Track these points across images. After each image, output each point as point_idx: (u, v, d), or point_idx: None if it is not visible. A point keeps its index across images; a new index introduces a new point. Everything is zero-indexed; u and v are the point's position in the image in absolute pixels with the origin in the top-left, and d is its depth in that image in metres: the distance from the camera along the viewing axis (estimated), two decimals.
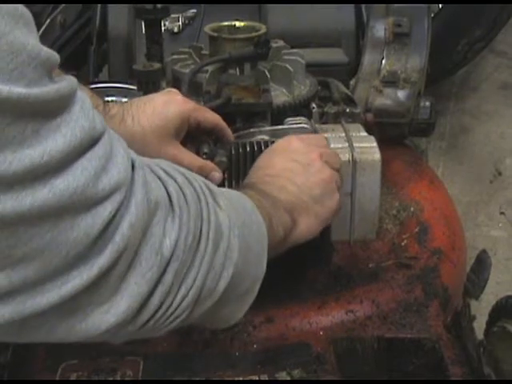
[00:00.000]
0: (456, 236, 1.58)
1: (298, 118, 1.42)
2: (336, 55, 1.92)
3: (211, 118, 1.28)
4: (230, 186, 1.33)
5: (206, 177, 1.26)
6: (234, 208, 0.93)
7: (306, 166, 1.19)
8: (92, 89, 1.36)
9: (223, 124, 1.30)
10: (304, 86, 1.48)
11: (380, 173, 1.30)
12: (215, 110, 1.33)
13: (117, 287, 0.75)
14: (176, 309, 0.82)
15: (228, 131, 1.31)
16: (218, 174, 1.27)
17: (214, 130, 1.30)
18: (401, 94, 1.76)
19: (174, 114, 1.24)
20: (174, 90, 1.31)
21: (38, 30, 1.49)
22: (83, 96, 0.73)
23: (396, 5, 1.87)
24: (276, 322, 1.35)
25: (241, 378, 1.25)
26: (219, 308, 0.91)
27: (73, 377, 1.24)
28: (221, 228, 0.87)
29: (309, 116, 1.45)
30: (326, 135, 1.35)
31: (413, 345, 1.33)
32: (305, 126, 1.39)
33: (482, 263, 1.40)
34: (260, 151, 1.32)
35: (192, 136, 1.30)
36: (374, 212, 1.33)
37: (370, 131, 1.39)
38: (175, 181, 0.83)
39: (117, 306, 0.75)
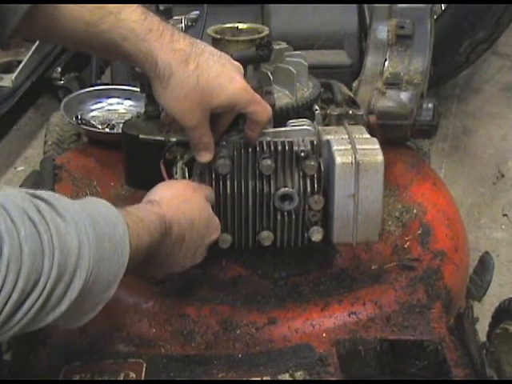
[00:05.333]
0: (459, 238, 1.58)
1: (300, 119, 1.42)
2: (339, 57, 1.92)
3: (259, 114, 1.29)
4: (233, 188, 1.33)
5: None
6: (97, 241, 0.95)
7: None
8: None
9: (266, 122, 1.32)
10: (307, 88, 1.48)
11: (383, 175, 1.30)
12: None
13: None
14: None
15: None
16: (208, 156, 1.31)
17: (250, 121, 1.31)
18: (403, 96, 1.76)
19: (228, 94, 1.24)
20: (241, 67, 1.30)
21: None
22: None
23: (399, 6, 1.87)
24: (279, 323, 1.35)
25: (244, 379, 1.25)
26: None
27: (75, 379, 1.24)
28: (62, 278, 0.90)
29: (311, 118, 1.45)
30: (328, 137, 1.35)
31: (415, 347, 1.33)
32: (307, 127, 1.39)
33: (484, 265, 1.40)
34: (262, 152, 1.32)
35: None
36: (377, 214, 1.33)
37: (372, 133, 1.40)
38: (18, 234, 0.84)
39: None
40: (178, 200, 1.24)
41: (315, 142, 1.34)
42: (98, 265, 0.95)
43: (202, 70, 1.22)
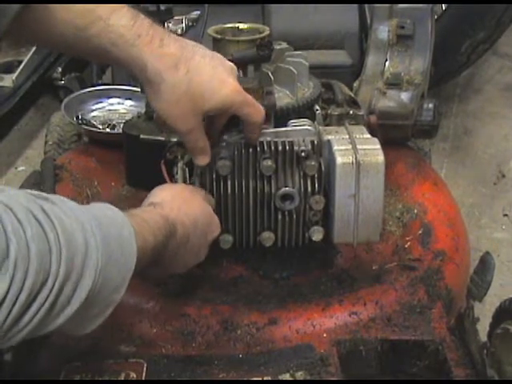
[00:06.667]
0: (459, 238, 1.58)
1: (301, 120, 1.42)
2: (339, 57, 1.92)
3: (253, 116, 1.28)
4: (233, 189, 1.33)
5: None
6: (102, 240, 0.95)
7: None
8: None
9: (261, 123, 1.30)
10: (307, 88, 1.48)
11: (383, 175, 1.30)
12: None
13: None
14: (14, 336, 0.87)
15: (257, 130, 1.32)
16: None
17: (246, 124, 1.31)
18: (404, 96, 1.76)
19: (220, 97, 1.23)
20: (234, 68, 1.28)
21: None
22: None
23: (399, 6, 1.87)
24: (279, 323, 1.35)
25: (244, 379, 1.25)
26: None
27: (76, 379, 1.24)
28: (70, 276, 0.89)
29: (312, 118, 1.45)
30: (329, 137, 1.35)
31: (416, 347, 1.33)
32: (308, 127, 1.39)
33: (485, 265, 1.40)
34: (262, 152, 1.32)
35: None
36: (378, 214, 1.33)
37: (373, 133, 1.39)
38: (24, 233, 0.84)
39: None
40: (179, 201, 1.24)
41: (316, 142, 1.34)
42: (106, 266, 0.95)
43: (192, 74, 1.21)
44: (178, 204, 1.22)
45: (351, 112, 1.50)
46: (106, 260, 0.94)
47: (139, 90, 1.55)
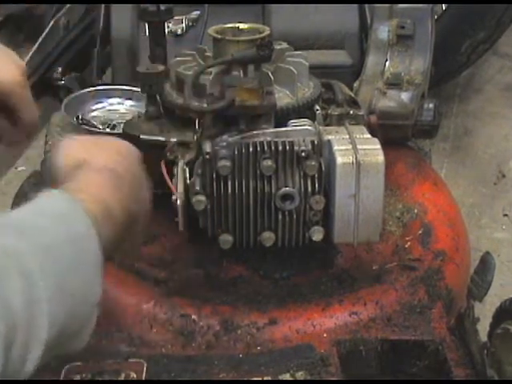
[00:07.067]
0: (460, 238, 1.58)
1: (301, 120, 1.42)
2: (340, 57, 1.92)
3: (26, 115, 1.23)
4: (234, 189, 1.33)
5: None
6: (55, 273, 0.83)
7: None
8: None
9: (31, 128, 1.27)
10: (308, 88, 1.48)
11: (384, 175, 1.30)
12: (219, 112, 1.33)
13: None
14: None
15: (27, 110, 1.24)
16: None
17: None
18: (404, 96, 1.76)
19: None
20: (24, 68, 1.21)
21: (42, 31, 1.49)
22: None
23: (399, 6, 1.87)
24: (279, 323, 1.35)
25: (245, 379, 1.25)
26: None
27: (76, 379, 1.24)
28: (14, 331, 0.78)
29: (312, 118, 1.45)
30: (329, 137, 1.35)
31: (416, 347, 1.33)
32: (308, 127, 1.39)
33: (485, 265, 1.40)
34: (262, 152, 1.32)
35: None
36: (378, 214, 1.33)
37: (373, 133, 1.39)
38: None
39: None
40: (89, 145, 1.12)
41: (316, 142, 1.34)
42: (62, 282, 0.84)
43: None
44: (92, 148, 1.10)
45: (351, 112, 1.50)
46: (59, 279, 0.83)
47: (139, 90, 1.55)
